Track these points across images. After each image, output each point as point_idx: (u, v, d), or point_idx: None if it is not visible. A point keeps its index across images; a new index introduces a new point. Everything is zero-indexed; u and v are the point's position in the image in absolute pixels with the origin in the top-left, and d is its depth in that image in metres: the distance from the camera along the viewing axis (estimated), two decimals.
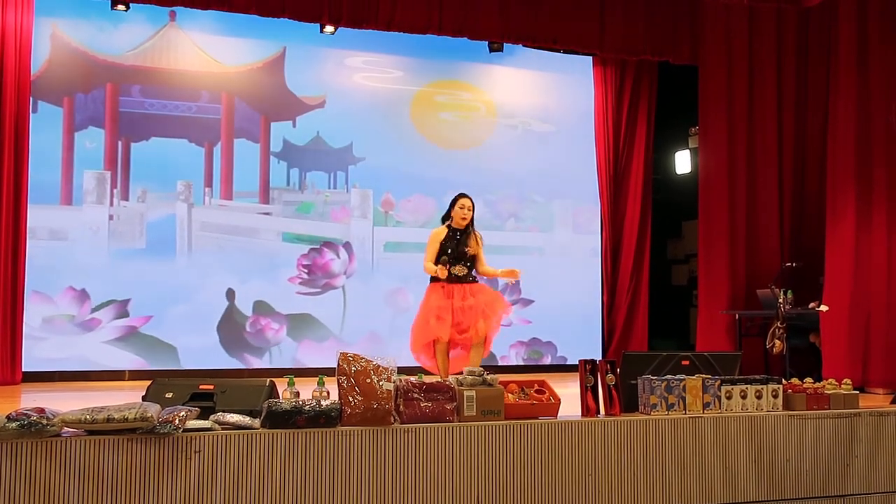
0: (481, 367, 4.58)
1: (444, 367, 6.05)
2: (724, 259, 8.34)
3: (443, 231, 6.28)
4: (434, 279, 6.21)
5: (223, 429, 3.59)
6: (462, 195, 6.33)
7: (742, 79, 8.46)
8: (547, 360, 9.38)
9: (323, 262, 8.68)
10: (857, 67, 7.40)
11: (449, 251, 6.18)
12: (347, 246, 8.79)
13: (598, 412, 4.27)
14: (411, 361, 8.03)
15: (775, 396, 4.50)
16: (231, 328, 8.37)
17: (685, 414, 4.29)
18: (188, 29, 8.49)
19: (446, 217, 6.37)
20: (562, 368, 9.21)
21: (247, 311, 8.42)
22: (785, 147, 8.49)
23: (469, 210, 6.26)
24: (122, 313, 8.08)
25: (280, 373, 7.16)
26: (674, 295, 10.72)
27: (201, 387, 3.89)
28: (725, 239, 8.37)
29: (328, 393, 3.89)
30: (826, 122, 7.84)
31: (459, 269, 6.17)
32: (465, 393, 3.96)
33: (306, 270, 8.62)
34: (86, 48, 8.20)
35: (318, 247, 8.69)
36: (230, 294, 8.37)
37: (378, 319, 8.78)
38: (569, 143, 9.67)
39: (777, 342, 7.07)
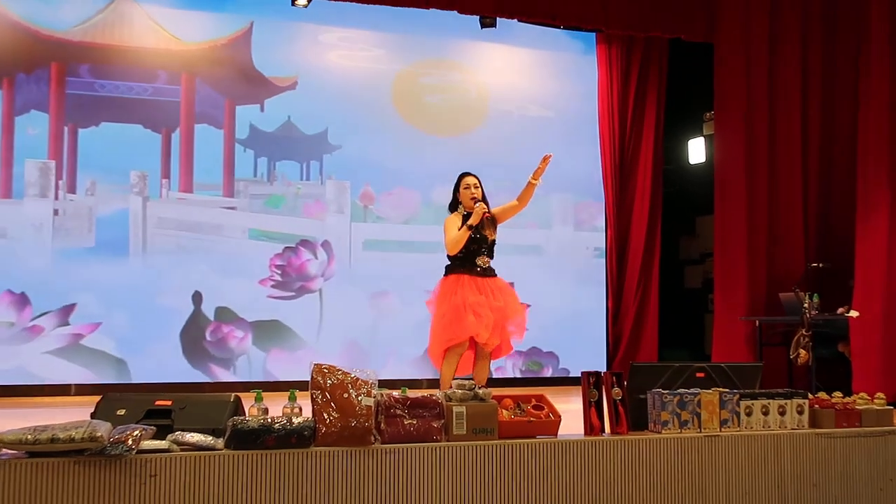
0: (471, 379, 4.56)
1: (450, 377, 5.92)
2: (743, 259, 8.36)
3: (456, 218, 6.13)
4: (451, 270, 6.07)
5: (182, 450, 3.57)
6: (465, 174, 6.24)
7: (762, 57, 8.48)
8: (547, 372, 9.39)
9: (299, 262, 8.66)
10: (890, 44, 7.42)
11: (473, 236, 6.05)
12: (326, 245, 8.77)
13: (602, 430, 4.27)
14: (393, 374, 8.03)
15: (800, 412, 4.51)
16: (191, 336, 8.34)
17: (700, 432, 4.29)
18: (143, 1, 8.46)
19: (454, 205, 6.24)
20: (563, 382, 9.22)
21: (209, 318, 8.40)
22: (810, 133, 8.52)
23: (477, 188, 6.17)
24: (68, 320, 8.04)
25: (247, 387, 7.15)
26: (687, 299, 10.74)
27: (157, 403, 3.86)
28: (744, 237, 8.38)
29: (301, 409, 3.87)
30: (857, 105, 7.86)
31: (484, 261, 6.08)
32: (455, 409, 3.95)
33: (279, 272, 8.60)
34: (28, 23, 8.16)
35: (293, 246, 8.68)
36: (196, 298, 8.34)
37: (355, 327, 8.77)
38: (570, 131, 9.68)
39: (802, 352, 7.09)
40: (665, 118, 9.90)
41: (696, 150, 10.37)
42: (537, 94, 9.66)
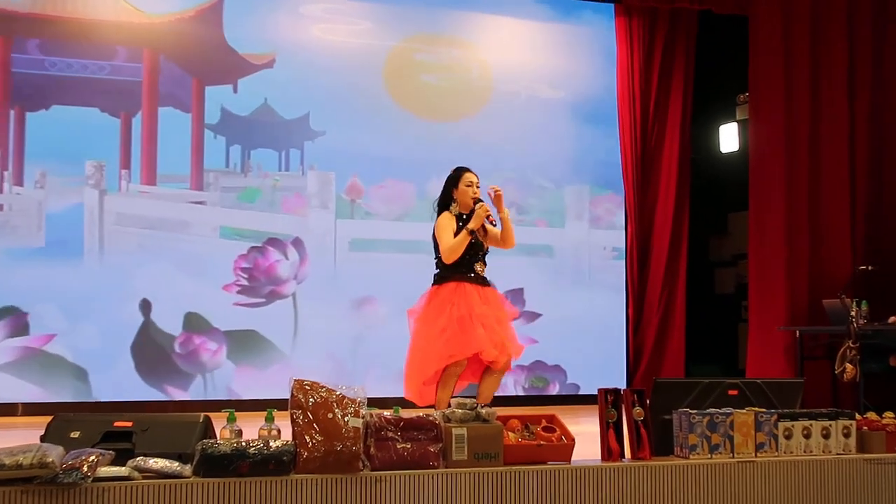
0: (472, 398, 4.56)
1: (447, 399, 5.87)
2: (782, 261, 8.36)
3: (451, 219, 6.08)
4: (448, 277, 6.01)
5: (145, 477, 3.57)
6: (465, 169, 6.17)
7: (804, 31, 8.49)
8: (554, 389, 9.38)
9: (267, 264, 8.64)
10: None
11: (473, 242, 5.99)
12: (297, 243, 8.73)
13: (622, 455, 4.27)
14: (384, 391, 8.02)
15: (847, 435, 4.51)
16: (152, 349, 8.32)
17: (733, 458, 4.29)
18: None
19: (445, 202, 6.17)
20: (574, 400, 9.21)
21: (175, 327, 8.37)
22: (858, 118, 8.52)
23: (479, 187, 6.12)
24: (16, 331, 8.02)
25: (217, 406, 7.12)
26: (718, 306, 10.74)
27: (116, 424, 3.87)
28: (783, 235, 8.39)
29: (279, 431, 3.87)
30: None
31: (481, 268, 6.06)
32: (454, 431, 3.95)
33: (246, 275, 8.57)
34: None
35: (260, 245, 8.64)
36: (145, 306, 8.31)
37: (341, 338, 8.75)
38: (585, 114, 9.67)
39: (848, 366, 7.09)
40: (693, 101, 9.88)
41: (729, 137, 10.35)
42: (548, 73, 9.64)
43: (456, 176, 6.17)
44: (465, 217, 6.08)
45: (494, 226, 6.13)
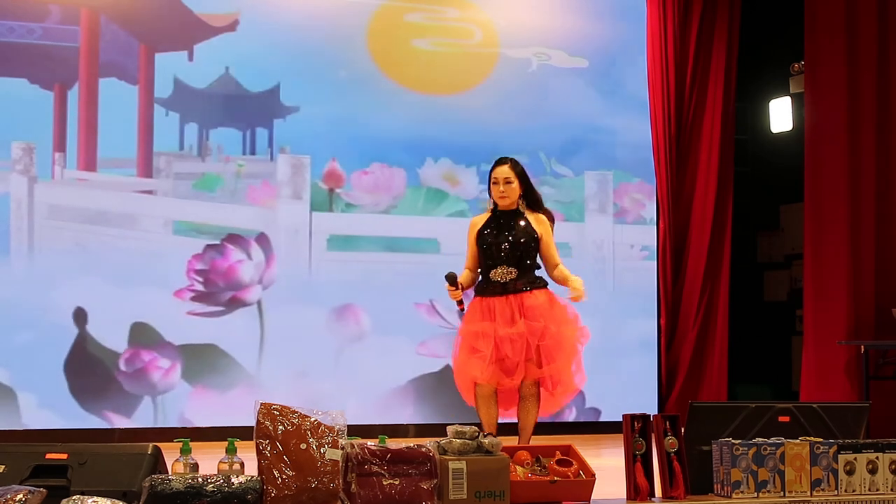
0: (474, 425, 4.57)
1: (490, 422, 6.02)
2: (844, 262, 8.36)
3: (481, 218, 6.36)
4: (477, 290, 6.29)
5: None
6: (498, 161, 6.40)
7: None
8: (570, 415, 9.36)
9: (226, 265, 8.60)
10: None
11: (485, 246, 6.19)
12: (263, 240, 8.69)
13: (651, 494, 4.28)
14: (367, 417, 8.02)
15: None
16: (92, 367, 8.30)
17: (784, 497, 4.30)
18: None
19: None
20: (594, 428, 9.21)
21: (119, 341, 8.35)
22: None
23: (507, 183, 6.27)
24: None
25: (169, 434, 7.13)
26: (767, 316, 10.75)
27: (48, 456, 3.88)
28: (845, 231, 8.39)
29: (242, 465, 3.88)
30: None
31: (503, 273, 6.14)
32: (451, 465, 3.95)
33: (201, 279, 8.54)
34: None
35: (217, 243, 8.60)
36: (82, 316, 8.27)
37: (317, 354, 8.75)
38: (608, 87, 9.67)
39: None
40: (738, 71, 9.89)
41: (781, 115, 10.33)
42: (565, 38, 9.61)
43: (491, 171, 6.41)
44: (502, 217, 6.31)
45: (521, 218, 6.36)
